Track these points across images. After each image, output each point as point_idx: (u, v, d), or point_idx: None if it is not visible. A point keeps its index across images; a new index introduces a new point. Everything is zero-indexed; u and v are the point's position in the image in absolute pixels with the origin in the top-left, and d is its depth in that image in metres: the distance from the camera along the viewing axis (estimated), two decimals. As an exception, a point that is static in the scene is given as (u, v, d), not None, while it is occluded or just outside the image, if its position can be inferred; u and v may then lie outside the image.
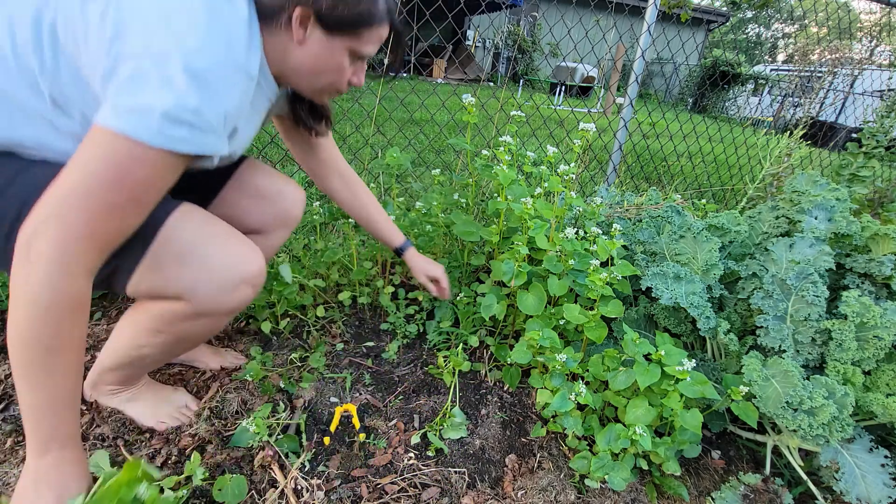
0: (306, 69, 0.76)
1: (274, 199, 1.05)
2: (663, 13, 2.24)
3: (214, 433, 1.01)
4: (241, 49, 0.62)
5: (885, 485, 0.91)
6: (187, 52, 0.56)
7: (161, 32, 0.56)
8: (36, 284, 0.57)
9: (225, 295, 0.79)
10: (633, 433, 0.94)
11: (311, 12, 0.69)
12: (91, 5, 0.58)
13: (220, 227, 0.81)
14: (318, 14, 0.69)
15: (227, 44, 0.60)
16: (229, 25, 0.61)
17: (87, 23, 0.58)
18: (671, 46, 2.63)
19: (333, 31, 0.72)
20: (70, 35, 0.59)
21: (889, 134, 2.31)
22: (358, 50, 0.76)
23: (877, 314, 1.02)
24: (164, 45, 0.56)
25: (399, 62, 0.89)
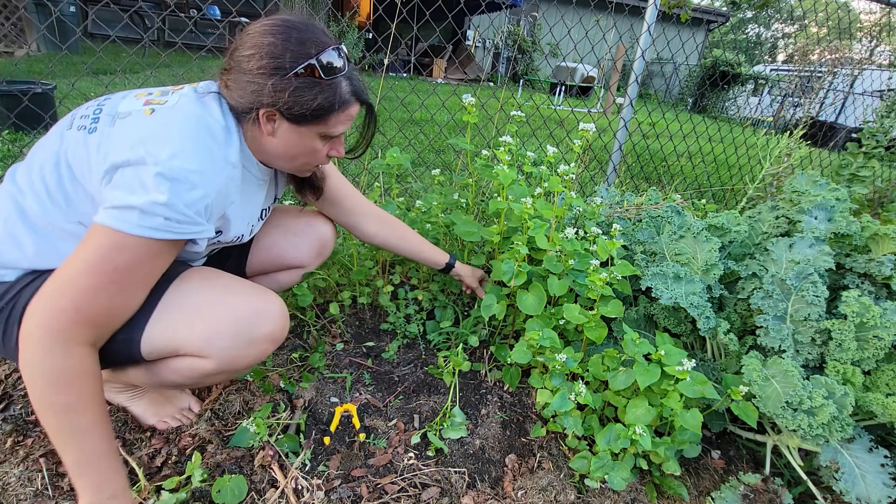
0: (281, 155, 0.84)
1: (307, 233, 1.15)
2: (663, 13, 2.24)
3: (215, 433, 1.01)
4: (214, 149, 0.73)
5: (884, 485, 0.91)
6: (157, 162, 0.67)
7: (138, 149, 0.67)
8: (35, 358, 0.65)
9: (245, 348, 0.81)
10: (632, 433, 0.94)
11: (275, 111, 0.76)
12: (90, 139, 0.72)
13: (231, 282, 0.84)
14: (280, 111, 0.76)
15: (196, 150, 0.70)
16: (199, 133, 0.72)
17: (88, 153, 0.71)
18: (671, 46, 2.63)
19: (300, 122, 0.78)
20: (78, 165, 0.72)
21: (889, 134, 2.31)
22: (327, 133, 0.82)
23: (876, 314, 1.02)
24: (140, 158, 0.67)
25: (369, 137, 0.95)
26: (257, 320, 0.81)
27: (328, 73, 0.75)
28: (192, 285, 0.81)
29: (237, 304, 0.81)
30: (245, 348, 0.80)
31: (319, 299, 1.49)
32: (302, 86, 0.74)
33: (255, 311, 0.81)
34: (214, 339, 0.78)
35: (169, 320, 0.77)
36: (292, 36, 0.74)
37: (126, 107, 0.74)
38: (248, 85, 0.74)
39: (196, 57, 1.94)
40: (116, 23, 6.46)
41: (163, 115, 0.72)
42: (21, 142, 2.32)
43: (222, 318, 0.79)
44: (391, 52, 0.96)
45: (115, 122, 0.73)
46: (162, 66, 4.92)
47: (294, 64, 0.73)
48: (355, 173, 2.12)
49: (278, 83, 0.73)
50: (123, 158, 0.67)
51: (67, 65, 4.93)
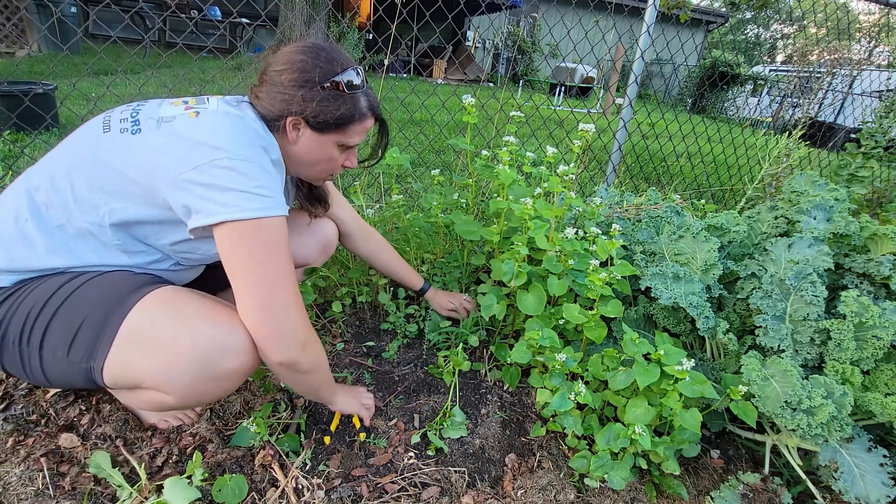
0: (304, 161, 0.92)
1: (312, 231, 1.19)
2: (662, 14, 2.25)
3: (215, 432, 1.01)
4: (262, 146, 0.80)
5: (883, 484, 0.92)
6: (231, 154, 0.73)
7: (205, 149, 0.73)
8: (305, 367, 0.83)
9: (207, 386, 0.75)
10: (632, 432, 0.94)
11: (301, 119, 0.85)
12: (135, 140, 0.76)
13: (195, 309, 0.76)
14: (306, 120, 0.85)
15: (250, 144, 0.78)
16: (247, 131, 0.80)
17: (140, 154, 0.75)
18: (670, 47, 2.63)
19: (322, 130, 0.87)
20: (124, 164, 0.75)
21: (887, 134, 2.31)
22: (344, 142, 0.91)
23: (875, 314, 1.02)
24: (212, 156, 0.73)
25: (383, 148, 1.05)
26: (220, 356, 0.74)
27: (350, 89, 0.86)
28: (152, 312, 0.75)
29: (198, 337, 0.73)
30: (208, 384, 0.75)
31: (319, 299, 1.50)
32: (328, 97, 0.84)
33: (217, 346, 0.73)
34: (174, 375, 0.72)
35: (127, 352, 0.73)
36: (321, 55, 0.85)
37: (167, 111, 0.79)
38: (279, 95, 0.84)
39: (197, 58, 1.94)
40: (117, 23, 6.46)
41: (210, 116, 0.78)
42: (22, 142, 2.32)
43: (182, 352, 0.72)
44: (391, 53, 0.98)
45: (161, 126, 0.77)
46: (163, 67, 4.92)
47: (322, 78, 0.84)
48: (355, 174, 2.12)
49: (307, 94, 0.83)
50: (195, 163, 0.72)
51: (68, 65, 4.93)
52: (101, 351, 0.73)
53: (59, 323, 0.74)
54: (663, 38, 2.77)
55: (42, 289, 0.76)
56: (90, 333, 0.73)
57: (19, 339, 0.75)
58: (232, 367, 0.75)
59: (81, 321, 0.74)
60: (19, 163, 1.90)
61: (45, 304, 0.75)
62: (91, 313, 0.74)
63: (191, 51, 1.85)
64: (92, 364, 0.73)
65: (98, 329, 0.73)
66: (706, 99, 10.29)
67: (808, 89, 6.81)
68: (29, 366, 0.76)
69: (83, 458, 0.92)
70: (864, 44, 11.03)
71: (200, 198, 0.72)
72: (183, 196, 0.73)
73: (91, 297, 0.75)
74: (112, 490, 0.88)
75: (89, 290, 0.76)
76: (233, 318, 0.77)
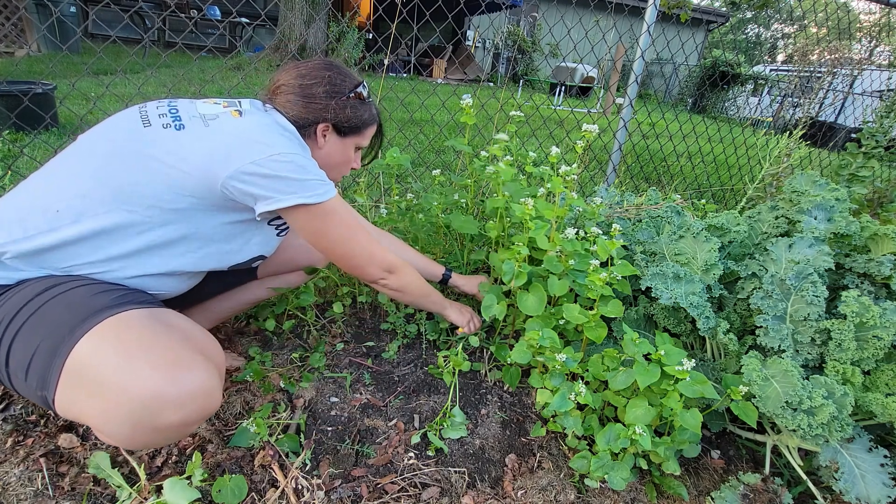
0: (327, 164, 0.99)
1: None
2: (663, 13, 2.25)
3: (215, 433, 1.01)
4: (299, 148, 0.89)
5: (884, 484, 0.91)
6: (281, 151, 0.82)
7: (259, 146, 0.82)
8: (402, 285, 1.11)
9: (149, 436, 0.68)
10: (632, 433, 0.94)
11: (331, 125, 0.98)
12: (182, 135, 0.81)
13: (143, 344, 0.69)
14: (335, 125, 0.98)
15: (291, 144, 0.86)
16: (285, 133, 0.89)
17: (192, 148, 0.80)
18: (671, 47, 2.63)
19: (346, 134, 1.01)
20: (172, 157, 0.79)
21: (888, 134, 2.31)
22: (361, 144, 1.06)
23: (876, 314, 1.02)
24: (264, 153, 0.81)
25: (377, 148, 1.17)
26: (160, 408, 0.65)
27: (368, 99, 1.02)
28: (98, 347, 0.68)
29: (137, 384, 0.64)
30: (149, 435, 0.68)
31: (319, 299, 1.49)
32: (355, 105, 0.99)
33: (157, 396, 0.64)
34: (111, 424, 0.66)
35: (71, 389, 0.67)
36: (343, 71, 0.99)
37: (208, 109, 0.86)
38: (312, 105, 0.94)
39: (196, 57, 1.94)
40: (117, 23, 6.46)
41: (253, 117, 0.87)
42: (21, 142, 2.32)
43: (120, 401, 0.64)
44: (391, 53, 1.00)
45: (209, 123, 0.83)
46: (162, 67, 4.92)
47: (349, 90, 0.97)
48: (355, 173, 2.12)
49: (339, 103, 0.96)
50: (253, 157, 0.80)
51: (68, 65, 4.93)
52: (50, 383, 0.67)
53: (20, 342, 0.70)
54: (664, 38, 2.76)
55: (19, 296, 0.73)
56: (43, 360, 0.68)
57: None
58: (174, 421, 0.66)
59: (36, 346, 0.68)
60: (18, 163, 1.90)
61: (11, 320, 0.71)
62: (45, 338, 0.68)
63: (190, 50, 1.85)
64: (45, 394, 0.68)
65: (49, 356, 0.67)
66: (707, 99, 10.28)
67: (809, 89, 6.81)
68: (6, 377, 0.73)
69: (82, 458, 0.92)
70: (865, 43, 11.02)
71: (266, 188, 0.81)
72: (246, 187, 0.80)
73: (50, 317, 0.70)
74: (111, 490, 0.87)
75: (51, 309, 0.71)
76: (188, 359, 0.69)
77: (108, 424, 0.66)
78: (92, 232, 0.77)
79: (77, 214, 0.76)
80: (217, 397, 0.71)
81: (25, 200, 0.79)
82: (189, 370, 0.68)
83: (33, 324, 0.70)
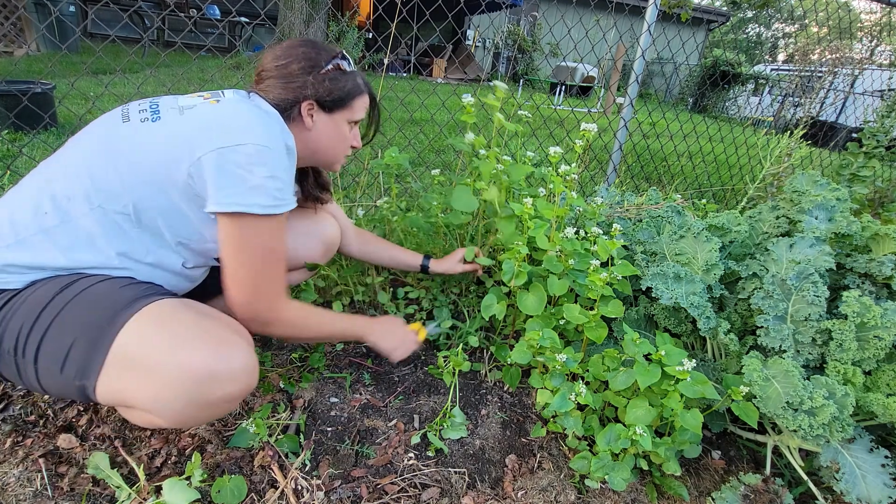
0: (321, 145, 0.97)
1: (315, 233, 1.20)
2: (663, 13, 2.24)
3: (214, 433, 1.01)
4: (279, 133, 0.83)
5: (885, 485, 0.91)
6: (255, 140, 0.77)
7: (230, 133, 0.77)
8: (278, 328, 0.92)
9: (199, 412, 0.72)
10: (633, 433, 0.94)
11: (314, 102, 0.92)
12: (156, 127, 0.79)
13: (189, 328, 0.73)
14: (319, 102, 0.93)
15: (272, 131, 0.82)
16: (266, 119, 0.83)
17: (161, 140, 0.78)
18: (671, 46, 2.63)
19: (333, 110, 0.95)
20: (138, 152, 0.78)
21: (889, 134, 2.31)
22: (353, 118, 0.99)
23: (877, 314, 1.02)
24: (235, 140, 0.76)
25: (376, 124, 1.10)
26: (213, 383, 0.70)
27: (350, 70, 0.96)
28: (144, 331, 0.71)
29: (191, 362, 0.69)
30: (201, 410, 0.72)
31: (319, 298, 1.49)
32: (334, 77, 0.93)
33: (211, 372, 0.70)
34: (164, 402, 0.69)
35: (118, 374, 0.70)
36: (317, 45, 0.94)
37: (187, 101, 0.83)
38: (289, 84, 0.90)
39: (196, 57, 1.94)
40: (116, 22, 6.46)
41: (230, 103, 0.83)
42: (20, 141, 2.32)
43: (173, 378, 0.68)
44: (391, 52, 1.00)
45: (184, 112, 0.80)
46: (161, 66, 4.92)
47: (326, 62, 0.92)
48: (355, 173, 2.12)
49: (317, 77, 0.91)
50: (217, 145, 0.75)
51: (67, 64, 4.92)
52: (93, 370, 0.70)
53: (51, 338, 0.71)
54: (664, 37, 2.76)
55: (38, 296, 0.74)
56: (82, 351, 0.70)
57: (14, 349, 0.72)
58: (225, 394, 0.72)
59: (74, 338, 0.71)
60: (18, 162, 1.90)
61: (38, 317, 0.72)
62: (83, 329, 0.71)
63: (190, 50, 1.85)
64: (85, 383, 0.70)
65: (90, 347, 0.70)
66: (707, 98, 10.28)
67: (810, 88, 6.80)
68: (26, 375, 0.74)
69: (82, 458, 0.92)
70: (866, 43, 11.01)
71: (215, 184, 0.76)
72: (202, 176, 0.76)
73: (82, 312, 0.72)
74: (111, 491, 0.87)
75: (81, 304, 0.73)
76: (229, 338, 0.74)
77: (160, 403, 0.70)
78: (83, 231, 0.77)
79: (63, 214, 0.77)
80: (257, 373, 0.78)
81: (15, 203, 0.79)
82: (234, 347, 0.74)
83: (63, 321, 0.72)
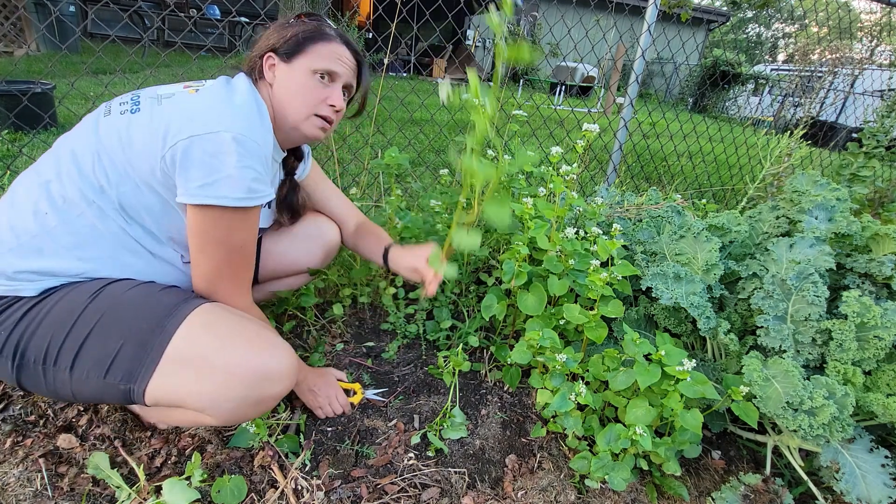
0: (284, 99, 0.89)
1: (315, 237, 1.19)
2: (663, 13, 2.24)
3: (214, 433, 1.01)
4: (258, 115, 0.81)
5: (885, 485, 0.91)
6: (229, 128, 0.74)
7: (201, 122, 0.74)
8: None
9: (250, 409, 0.78)
10: (633, 433, 0.94)
11: (272, 52, 0.88)
12: (136, 118, 0.79)
13: (238, 331, 0.78)
14: (276, 51, 0.88)
15: (248, 117, 0.79)
16: (243, 103, 0.81)
17: (137, 131, 0.77)
18: (671, 46, 2.63)
19: (290, 58, 0.88)
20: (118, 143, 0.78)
21: (889, 134, 2.31)
22: (317, 66, 0.89)
23: (877, 314, 1.02)
24: (208, 129, 0.73)
25: (364, 93, 1.01)
26: (266, 383, 0.76)
27: (312, 18, 0.92)
28: (201, 335, 0.76)
29: (246, 364, 0.75)
30: (250, 409, 0.78)
31: (319, 299, 1.49)
32: (290, 25, 0.90)
33: (265, 372, 0.76)
34: (220, 401, 0.74)
35: (174, 376, 0.73)
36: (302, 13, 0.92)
37: (166, 90, 0.83)
38: (257, 44, 0.90)
39: (196, 57, 1.94)
40: (116, 22, 6.46)
41: (207, 91, 0.81)
42: (20, 141, 2.32)
43: (232, 381, 0.74)
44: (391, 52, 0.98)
45: (162, 102, 0.79)
46: (161, 66, 4.92)
47: (291, 19, 0.91)
48: (355, 173, 2.12)
49: (278, 28, 0.89)
50: (188, 133, 0.73)
51: (67, 64, 4.92)
52: (143, 374, 0.72)
53: (93, 344, 0.73)
54: (664, 37, 2.76)
55: (67, 305, 0.75)
56: (131, 356, 0.72)
57: (44, 359, 0.73)
58: (275, 392, 0.78)
59: (121, 343, 0.73)
60: (18, 162, 1.90)
61: (73, 325, 0.73)
62: (130, 334, 0.73)
63: (190, 50, 1.84)
64: (132, 386, 0.73)
65: (141, 350, 0.73)
66: (707, 98, 10.27)
67: (810, 88, 6.80)
68: (54, 384, 0.75)
69: (82, 458, 0.92)
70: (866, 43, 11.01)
71: (184, 173, 0.74)
72: (174, 165, 0.74)
73: (127, 317, 0.75)
74: (111, 491, 0.87)
75: (122, 310, 0.75)
76: (275, 341, 0.80)
77: (216, 402, 0.74)
78: (85, 229, 0.78)
79: (62, 213, 0.77)
80: (297, 373, 0.83)
81: (12, 207, 0.79)
82: (281, 349, 0.79)
83: (106, 327, 0.74)
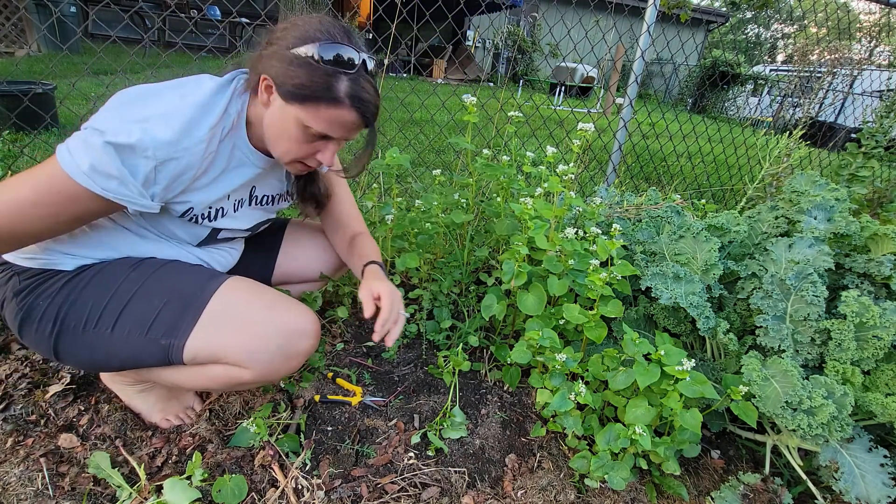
0: (269, 132, 0.82)
1: (330, 248, 1.22)
2: (663, 14, 2.25)
3: (215, 433, 1.01)
4: (178, 127, 0.72)
5: (884, 484, 0.91)
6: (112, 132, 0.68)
7: (109, 116, 0.71)
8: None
9: (283, 363, 0.85)
10: (632, 433, 0.94)
11: (271, 81, 0.76)
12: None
13: (274, 298, 0.87)
14: (275, 82, 0.76)
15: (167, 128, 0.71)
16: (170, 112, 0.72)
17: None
18: (671, 47, 2.64)
19: (287, 99, 0.76)
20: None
21: (888, 134, 2.31)
22: (307, 124, 0.77)
23: (876, 314, 1.02)
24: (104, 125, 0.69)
25: (366, 159, 0.92)
26: (298, 338, 0.85)
27: (327, 63, 0.74)
28: (239, 297, 0.85)
29: (282, 321, 0.84)
30: (283, 363, 0.85)
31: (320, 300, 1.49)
32: (296, 62, 0.74)
33: (297, 329, 0.85)
34: (258, 353, 0.81)
35: (215, 331, 0.81)
36: (311, 24, 0.76)
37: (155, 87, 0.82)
38: (255, 55, 0.80)
39: (196, 57, 1.94)
40: (117, 23, 6.46)
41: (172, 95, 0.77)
42: (21, 142, 2.32)
43: (269, 333, 0.82)
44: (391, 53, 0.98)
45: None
46: (162, 67, 4.91)
47: (295, 43, 0.74)
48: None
49: (276, 52, 0.75)
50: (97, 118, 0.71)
51: (68, 65, 4.93)
52: (185, 328, 0.80)
53: (135, 304, 0.80)
54: (663, 38, 2.76)
55: (108, 275, 0.82)
56: (174, 312, 0.80)
57: (84, 322, 0.80)
58: (306, 347, 0.86)
59: (164, 301, 0.81)
60: (19, 163, 1.90)
61: (116, 290, 0.81)
62: (172, 294, 0.82)
63: (190, 50, 1.85)
64: (172, 341, 0.80)
65: (183, 307, 0.81)
66: (706, 99, 10.28)
67: (809, 89, 6.80)
68: (90, 346, 0.81)
69: (82, 458, 0.92)
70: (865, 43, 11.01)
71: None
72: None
73: (169, 280, 0.84)
74: (112, 490, 0.87)
75: (165, 275, 0.84)
76: (300, 305, 0.88)
77: (255, 353, 0.81)
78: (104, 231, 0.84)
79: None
80: (319, 334, 0.90)
81: None
82: (308, 311, 0.88)
83: (149, 289, 0.82)
